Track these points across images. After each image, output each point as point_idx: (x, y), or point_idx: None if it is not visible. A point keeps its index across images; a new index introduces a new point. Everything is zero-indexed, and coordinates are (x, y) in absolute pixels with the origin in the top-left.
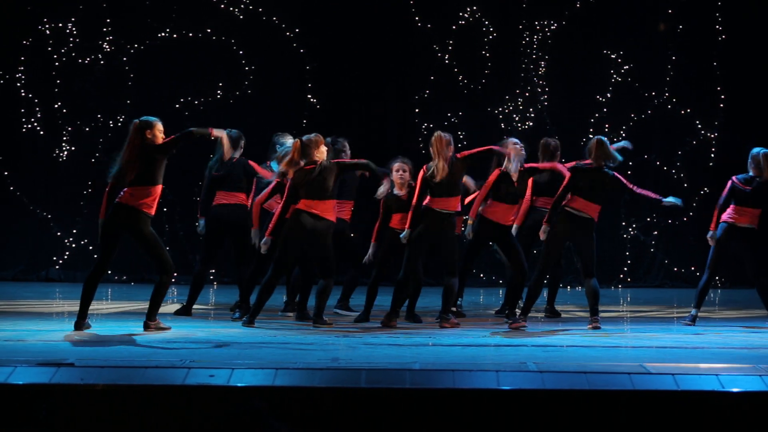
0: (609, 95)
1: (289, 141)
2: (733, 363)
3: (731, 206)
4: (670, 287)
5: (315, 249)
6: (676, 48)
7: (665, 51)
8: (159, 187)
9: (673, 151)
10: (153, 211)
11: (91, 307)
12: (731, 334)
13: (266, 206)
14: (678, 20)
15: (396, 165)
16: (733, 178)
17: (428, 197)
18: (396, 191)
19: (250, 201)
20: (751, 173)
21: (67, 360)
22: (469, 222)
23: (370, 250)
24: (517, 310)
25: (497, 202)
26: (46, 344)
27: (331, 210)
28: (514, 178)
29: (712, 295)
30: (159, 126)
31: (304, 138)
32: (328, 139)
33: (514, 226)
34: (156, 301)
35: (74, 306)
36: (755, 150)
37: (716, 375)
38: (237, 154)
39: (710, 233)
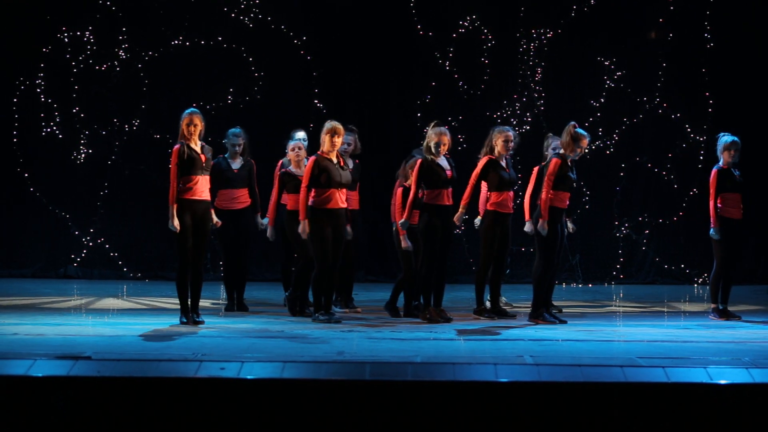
0: (602, 100)
1: (300, 134)
2: (720, 356)
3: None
4: (661, 284)
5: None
6: (667, 55)
7: (656, 58)
8: None
9: (664, 154)
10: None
11: (106, 304)
12: (719, 329)
13: None
14: (668, 29)
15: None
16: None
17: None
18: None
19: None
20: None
21: (85, 353)
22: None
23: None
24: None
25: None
26: (64, 338)
27: None
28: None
29: (701, 291)
30: None
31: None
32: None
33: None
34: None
35: (91, 302)
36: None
37: (705, 367)
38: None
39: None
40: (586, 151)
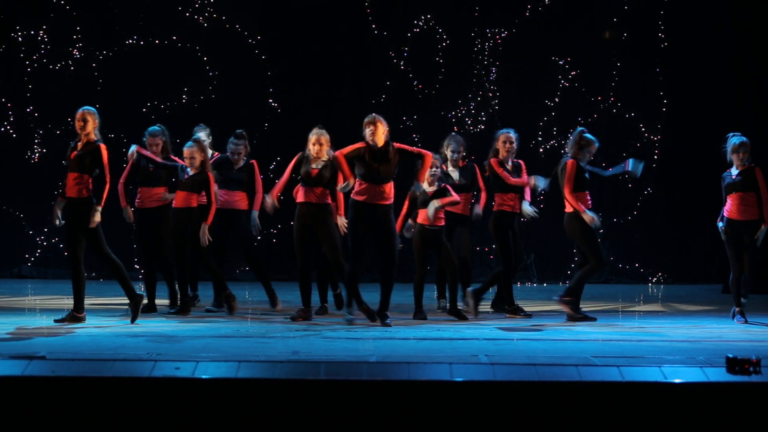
0: (557, 99)
1: (202, 133)
2: (675, 355)
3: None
4: (616, 283)
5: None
6: (621, 55)
7: (611, 58)
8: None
9: (618, 153)
10: None
11: (60, 303)
12: (674, 328)
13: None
14: (623, 28)
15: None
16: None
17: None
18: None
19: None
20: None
21: (39, 353)
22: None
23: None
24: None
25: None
26: (18, 338)
27: None
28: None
29: (655, 290)
30: None
31: None
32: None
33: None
34: None
35: (45, 301)
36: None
37: (659, 366)
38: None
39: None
40: (542, 151)
